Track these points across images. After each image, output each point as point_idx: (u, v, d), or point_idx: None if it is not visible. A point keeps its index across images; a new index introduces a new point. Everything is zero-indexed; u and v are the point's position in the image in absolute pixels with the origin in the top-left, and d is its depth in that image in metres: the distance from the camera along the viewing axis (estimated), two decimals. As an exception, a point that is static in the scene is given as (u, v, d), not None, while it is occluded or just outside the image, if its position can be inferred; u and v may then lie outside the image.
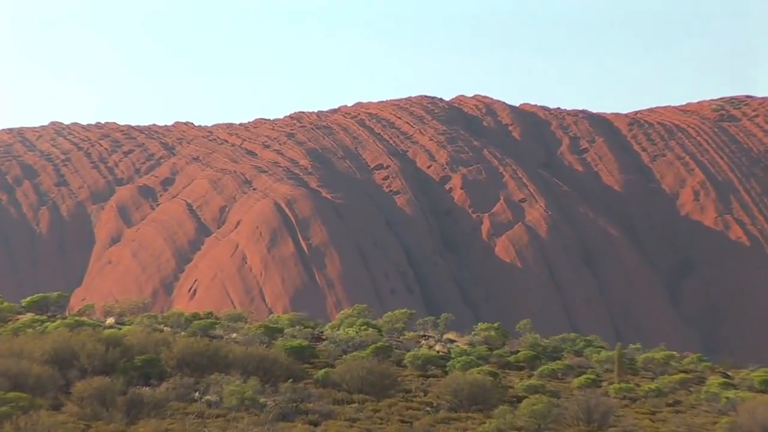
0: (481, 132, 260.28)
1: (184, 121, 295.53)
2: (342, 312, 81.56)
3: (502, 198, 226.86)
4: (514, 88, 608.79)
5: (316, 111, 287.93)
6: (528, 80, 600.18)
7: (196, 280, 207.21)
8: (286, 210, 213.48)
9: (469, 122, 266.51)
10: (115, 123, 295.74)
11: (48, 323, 66.21)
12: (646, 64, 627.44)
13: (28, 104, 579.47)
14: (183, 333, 65.57)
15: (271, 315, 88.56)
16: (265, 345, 62.57)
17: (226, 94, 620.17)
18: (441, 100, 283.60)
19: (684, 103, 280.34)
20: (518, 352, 68.25)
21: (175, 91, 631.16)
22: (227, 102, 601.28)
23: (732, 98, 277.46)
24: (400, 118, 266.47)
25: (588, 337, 77.94)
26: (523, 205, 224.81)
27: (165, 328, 67.31)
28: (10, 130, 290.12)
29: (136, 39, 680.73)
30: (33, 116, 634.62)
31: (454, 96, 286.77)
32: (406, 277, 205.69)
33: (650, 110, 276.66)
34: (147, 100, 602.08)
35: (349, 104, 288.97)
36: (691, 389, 62.02)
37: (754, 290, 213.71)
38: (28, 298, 75.95)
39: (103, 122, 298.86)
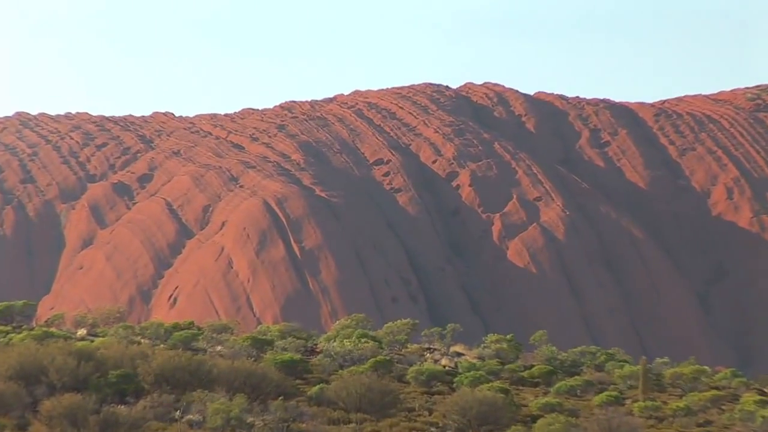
0: (492, 123, 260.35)
1: (163, 111, 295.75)
2: (338, 322, 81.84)
3: (514, 196, 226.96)
4: (528, 75, 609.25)
5: (309, 100, 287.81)
6: (543, 66, 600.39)
7: (176, 287, 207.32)
8: (277, 210, 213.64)
9: (478, 112, 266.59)
10: (87, 113, 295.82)
11: (13, 335, 66.24)
12: (674, 49, 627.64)
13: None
14: (162, 345, 65.71)
15: (260, 326, 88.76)
16: (253, 359, 62.73)
17: (210, 81, 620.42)
18: (447, 88, 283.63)
19: (716, 92, 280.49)
20: (533, 366, 68.33)
21: (154, 78, 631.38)
22: (211, 90, 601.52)
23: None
24: (402, 108, 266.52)
25: (610, 350, 78.11)
26: (539, 205, 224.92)
27: (142, 340, 67.44)
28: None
29: (110, 21, 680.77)
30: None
31: (461, 84, 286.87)
32: (409, 283, 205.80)
33: (679, 99, 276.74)
34: (122, 88, 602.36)
35: (346, 93, 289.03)
36: (723, 408, 62.02)
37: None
38: (-8, 307, 75.93)
39: (73, 113, 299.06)
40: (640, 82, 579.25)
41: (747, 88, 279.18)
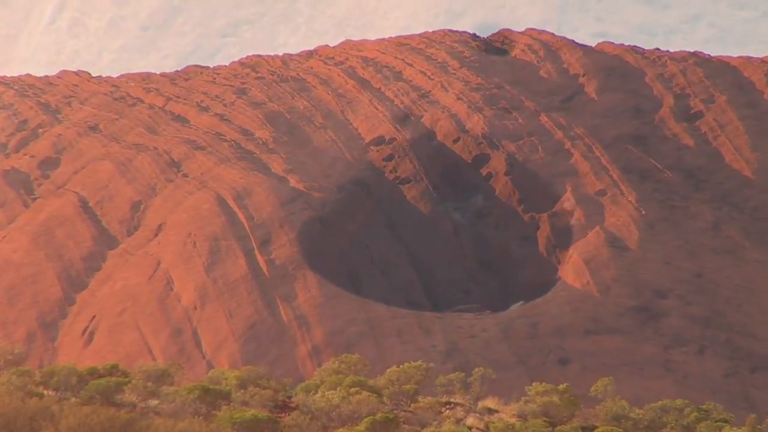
0: (538, 87, 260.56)
1: (74, 69, 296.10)
2: (322, 367, 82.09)
3: (569, 189, 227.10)
4: (588, 19, 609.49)
5: (281, 54, 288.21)
6: (609, 5, 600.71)
7: (93, 317, 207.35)
8: (235, 208, 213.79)
9: (518, 71, 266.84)
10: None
11: None
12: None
13: None
14: (74, 399, 65.75)
15: (212, 371, 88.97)
16: (201, 417, 62.86)
17: (141, 26, 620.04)
18: (475, 36, 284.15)
19: None
20: (594, 428, 68.50)
21: (61, 23, 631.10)
22: (142, 40, 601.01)
23: None
24: (411, 65, 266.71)
25: (703, 406, 78.29)
26: (603, 201, 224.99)
27: (45, 392, 67.49)
28: None
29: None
30: None
31: (495, 31, 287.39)
32: (421, 311, 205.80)
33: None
34: (15, 37, 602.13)
35: (333, 43, 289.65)
36: None
37: None
38: None
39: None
40: (746, 27, 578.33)
41: None
